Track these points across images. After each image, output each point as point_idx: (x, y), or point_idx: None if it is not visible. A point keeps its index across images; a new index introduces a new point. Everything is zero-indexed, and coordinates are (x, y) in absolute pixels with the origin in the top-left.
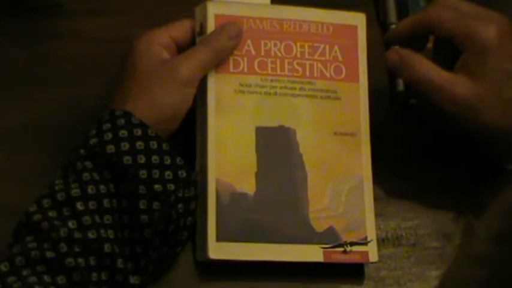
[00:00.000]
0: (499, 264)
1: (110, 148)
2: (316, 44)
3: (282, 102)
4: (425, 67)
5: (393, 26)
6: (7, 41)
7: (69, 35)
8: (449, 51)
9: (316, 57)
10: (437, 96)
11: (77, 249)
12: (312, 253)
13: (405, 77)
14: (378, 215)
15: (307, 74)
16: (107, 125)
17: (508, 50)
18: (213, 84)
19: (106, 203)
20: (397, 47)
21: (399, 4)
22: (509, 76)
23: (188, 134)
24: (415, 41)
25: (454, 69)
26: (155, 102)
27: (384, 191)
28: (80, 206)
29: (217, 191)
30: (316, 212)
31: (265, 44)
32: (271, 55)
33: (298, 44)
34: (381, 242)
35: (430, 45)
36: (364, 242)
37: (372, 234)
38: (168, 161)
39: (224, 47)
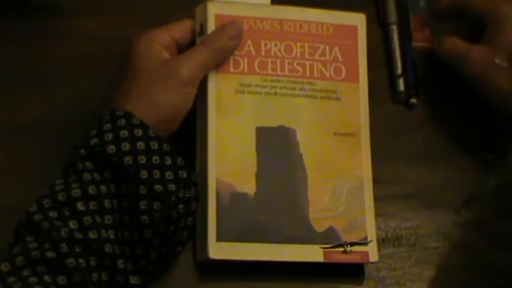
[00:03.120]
0: (477, 250)
1: (111, 148)
2: (316, 44)
3: (282, 102)
4: (452, 40)
5: (393, 26)
6: (7, 41)
7: (69, 35)
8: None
9: (316, 57)
10: (457, 61)
11: (77, 250)
12: (312, 253)
13: (436, 48)
14: (378, 215)
15: (308, 74)
16: (108, 125)
17: None
18: (214, 84)
19: (107, 203)
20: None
21: (399, 4)
22: None
23: (188, 134)
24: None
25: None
26: (155, 103)
27: (383, 191)
28: (80, 206)
29: (217, 191)
30: (316, 212)
31: (266, 44)
32: (271, 55)
33: (298, 44)
34: (381, 242)
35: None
36: (364, 242)
37: (372, 234)
38: (168, 161)
39: (224, 47)
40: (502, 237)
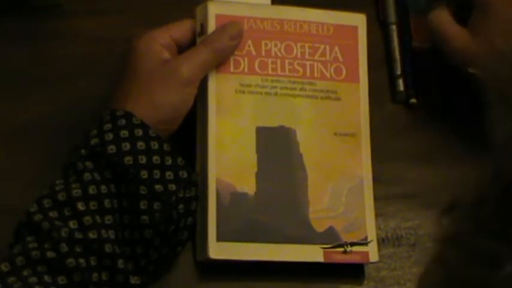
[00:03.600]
0: (451, 265)
1: (111, 148)
2: (316, 45)
3: (282, 102)
4: (442, 18)
5: (393, 26)
6: (7, 41)
7: (69, 35)
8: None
9: (316, 57)
10: (442, 47)
11: (77, 250)
12: (312, 253)
13: (429, 26)
14: (378, 215)
15: (308, 74)
16: (108, 125)
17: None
18: (214, 84)
19: (107, 203)
20: None
21: (399, 4)
22: (506, 38)
23: (188, 134)
24: None
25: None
26: (156, 103)
27: (383, 191)
28: (80, 206)
29: (217, 191)
30: (316, 212)
31: (266, 44)
32: (271, 55)
33: (298, 45)
34: (381, 242)
35: None
36: (365, 242)
37: (372, 234)
38: (169, 161)
39: (225, 47)
40: (477, 254)
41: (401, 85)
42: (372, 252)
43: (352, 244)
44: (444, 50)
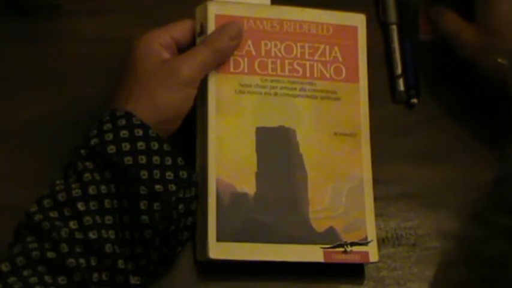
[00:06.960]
0: (472, 244)
1: (111, 148)
2: (316, 45)
3: (282, 102)
4: (448, 16)
5: (393, 26)
6: (7, 40)
7: (69, 35)
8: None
9: (316, 57)
10: (453, 43)
11: (78, 250)
12: (312, 253)
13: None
14: (378, 215)
15: (308, 74)
16: (108, 126)
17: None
18: (214, 84)
19: (107, 203)
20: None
21: (399, 4)
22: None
23: (188, 134)
24: None
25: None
26: (156, 103)
27: (384, 191)
28: (80, 206)
29: (217, 191)
30: (316, 212)
31: (266, 45)
32: (271, 55)
33: (298, 45)
34: (381, 242)
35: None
36: (365, 242)
37: (372, 234)
38: (169, 161)
39: (225, 48)
40: (497, 230)
41: (401, 85)
42: (372, 252)
43: (352, 244)
44: (454, 44)
